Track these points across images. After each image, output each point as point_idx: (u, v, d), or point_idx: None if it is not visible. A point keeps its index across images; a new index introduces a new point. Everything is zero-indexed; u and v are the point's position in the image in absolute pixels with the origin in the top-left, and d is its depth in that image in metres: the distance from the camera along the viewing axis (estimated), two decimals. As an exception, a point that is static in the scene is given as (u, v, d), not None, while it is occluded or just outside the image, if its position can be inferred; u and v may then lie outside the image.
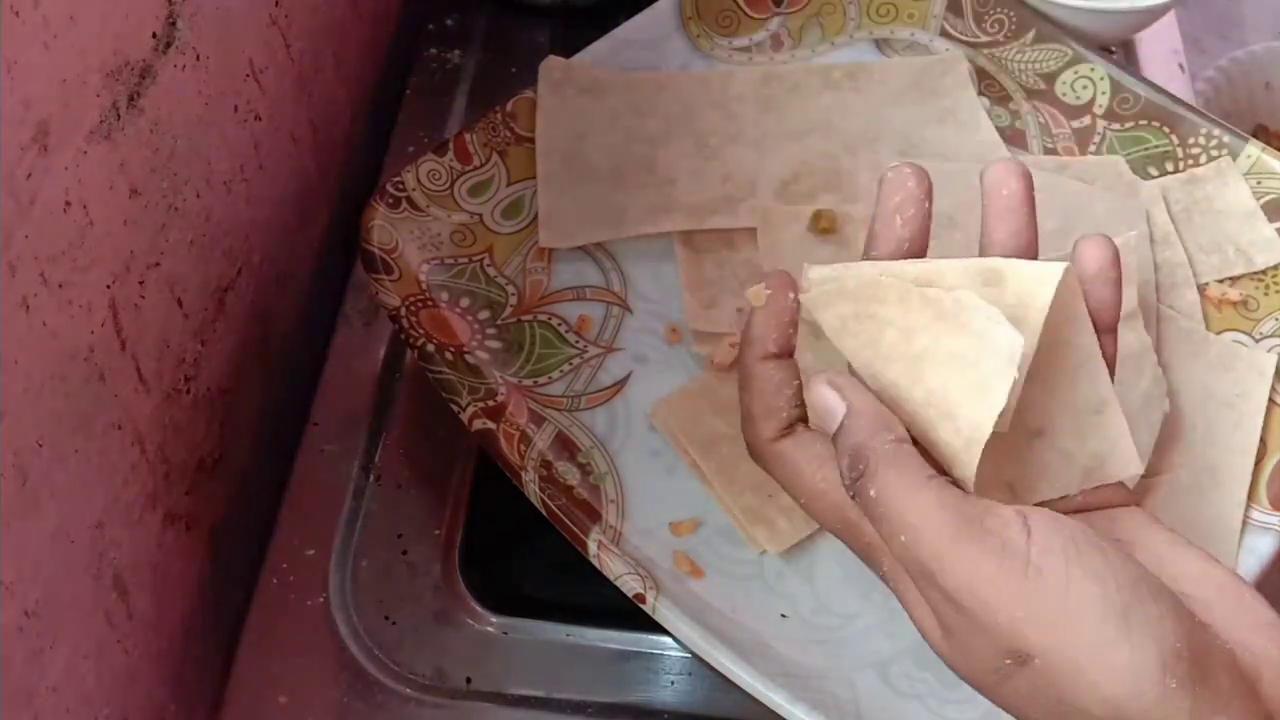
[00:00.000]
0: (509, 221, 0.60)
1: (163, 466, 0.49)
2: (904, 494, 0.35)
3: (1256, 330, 0.58)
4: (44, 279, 0.39)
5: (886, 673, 0.49)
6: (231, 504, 0.57)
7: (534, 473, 0.51)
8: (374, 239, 0.56)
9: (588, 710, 0.52)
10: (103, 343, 0.43)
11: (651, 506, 0.53)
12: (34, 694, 0.41)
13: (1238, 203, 0.61)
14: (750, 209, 0.60)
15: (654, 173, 0.61)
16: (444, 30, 0.72)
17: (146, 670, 0.50)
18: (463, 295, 0.57)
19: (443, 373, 0.53)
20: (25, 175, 0.37)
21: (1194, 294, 0.59)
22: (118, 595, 0.47)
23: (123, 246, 0.44)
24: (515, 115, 0.61)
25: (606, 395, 0.56)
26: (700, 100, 0.64)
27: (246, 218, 0.55)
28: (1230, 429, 0.55)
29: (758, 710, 0.46)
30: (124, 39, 0.42)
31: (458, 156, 0.60)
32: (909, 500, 0.35)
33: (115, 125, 0.42)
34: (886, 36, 0.67)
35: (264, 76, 0.55)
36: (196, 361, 0.52)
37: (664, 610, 0.48)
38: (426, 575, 0.55)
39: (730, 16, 0.67)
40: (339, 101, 0.66)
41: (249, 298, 0.56)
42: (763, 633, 0.50)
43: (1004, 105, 0.65)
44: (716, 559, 0.52)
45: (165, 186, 0.47)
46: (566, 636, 0.53)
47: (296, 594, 0.54)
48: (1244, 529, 0.53)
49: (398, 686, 0.52)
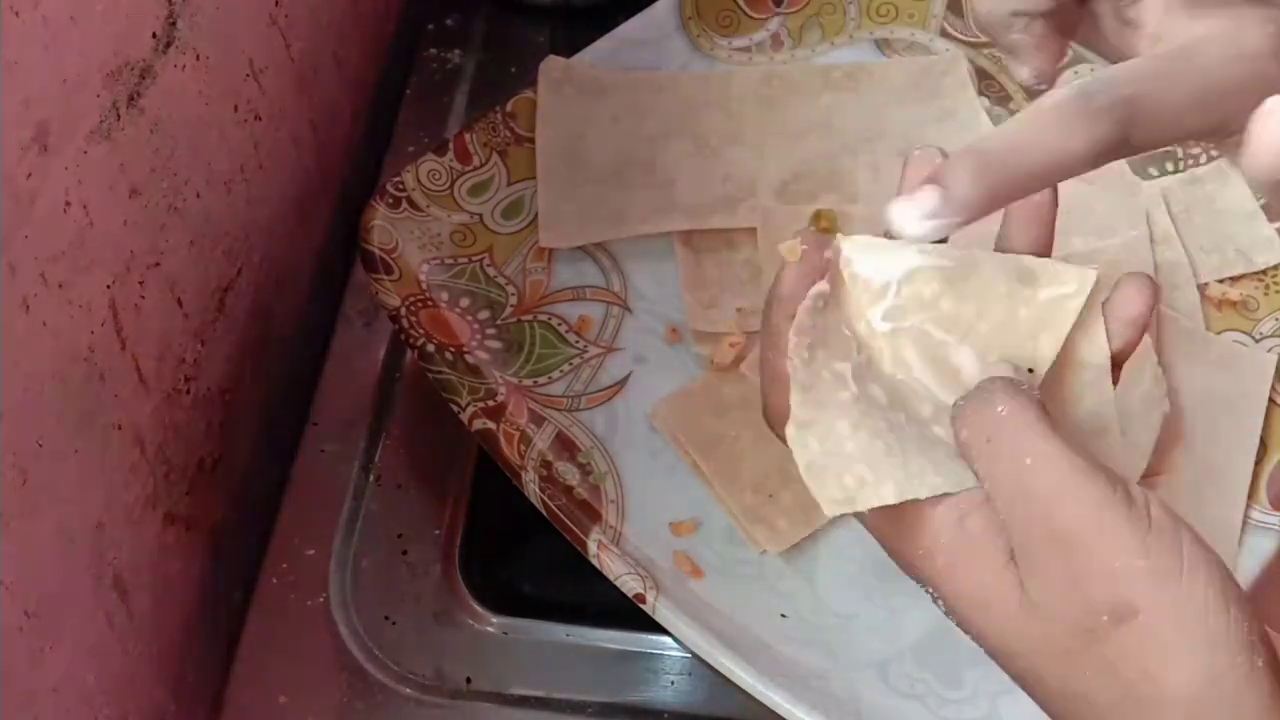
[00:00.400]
0: (509, 221, 0.60)
1: (163, 466, 0.49)
2: (1030, 422, 0.34)
3: (1256, 330, 0.58)
4: (44, 279, 0.39)
5: (886, 673, 0.49)
6: (232, 504, 0.57)
7: (534, 473, 0.51)
8: (374, 239, 0.56)
9: (588, 710, 0.52)
10: (103, 343, 0.43)
11: (651, 506, 0.53)
12: (34, 694, 0.42)
13: (1238, 203, 0.61)
14: (750, 209, 0.60)
15: (654, 173, 0.61)
16: (444, 30, 0.72)
17: (146, 670, 0.50)
18: (463, 295, 0.57)
19: (443, 373, 0.53)
20: (25, 175, 0.37)
21: (1194, 294, 0.59)
22: (118, 595, 0.47)
23: (123, 246, 0.44)
24: (515, 115, 0.61)
25: (606, 395, 0.56)
26: (700, 100, 0.64)
27: (246, 218, 0.55)
28: (1230, 429, 0.55)
29: (758, 710, 0.46)
30: (124, 39, 0.42)
31: (458, 156, 0.60)
32: (1035, 428, 0.34)
33: (115, 125, 0.42)
34: (886, 36, 0.67)
35: (264, 76, 0.55)
36: (197, 362, 0.52)
37: (664, 610, 0.48)
38: (426, 575, 0.55)
39: (730, 16, 0.67)
40: (339, 101, 0.66)
41: (249, 298, 0.56)
42: (763, 633, 0.50)
43: (1004, 105, 0.65)
44: (716, 559, 0.52)
45: (165, 187, 0.47)
46: (566, 636, 0.53)
47: (296, 594, 0.54)
48: (1244, 529, 0.53)
49: (398, 686, 0.52)
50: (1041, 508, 0.33)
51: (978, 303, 0.37)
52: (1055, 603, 0.33)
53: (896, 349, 0.37)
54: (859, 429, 0.36)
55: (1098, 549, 0.32)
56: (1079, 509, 0.32)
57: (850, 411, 0.36)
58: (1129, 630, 0.32)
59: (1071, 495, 0.33)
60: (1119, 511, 0.32)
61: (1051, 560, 0.33)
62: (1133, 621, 0.32)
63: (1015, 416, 0.34)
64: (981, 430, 0.34)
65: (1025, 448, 0.33)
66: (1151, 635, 0.32)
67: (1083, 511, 0.32)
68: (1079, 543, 0.32)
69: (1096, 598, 0.32)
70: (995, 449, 0.34)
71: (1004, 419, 0.34)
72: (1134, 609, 0.32)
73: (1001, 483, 0.34)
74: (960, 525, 0.35)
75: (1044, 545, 0.33)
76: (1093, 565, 0.32)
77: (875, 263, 0.37)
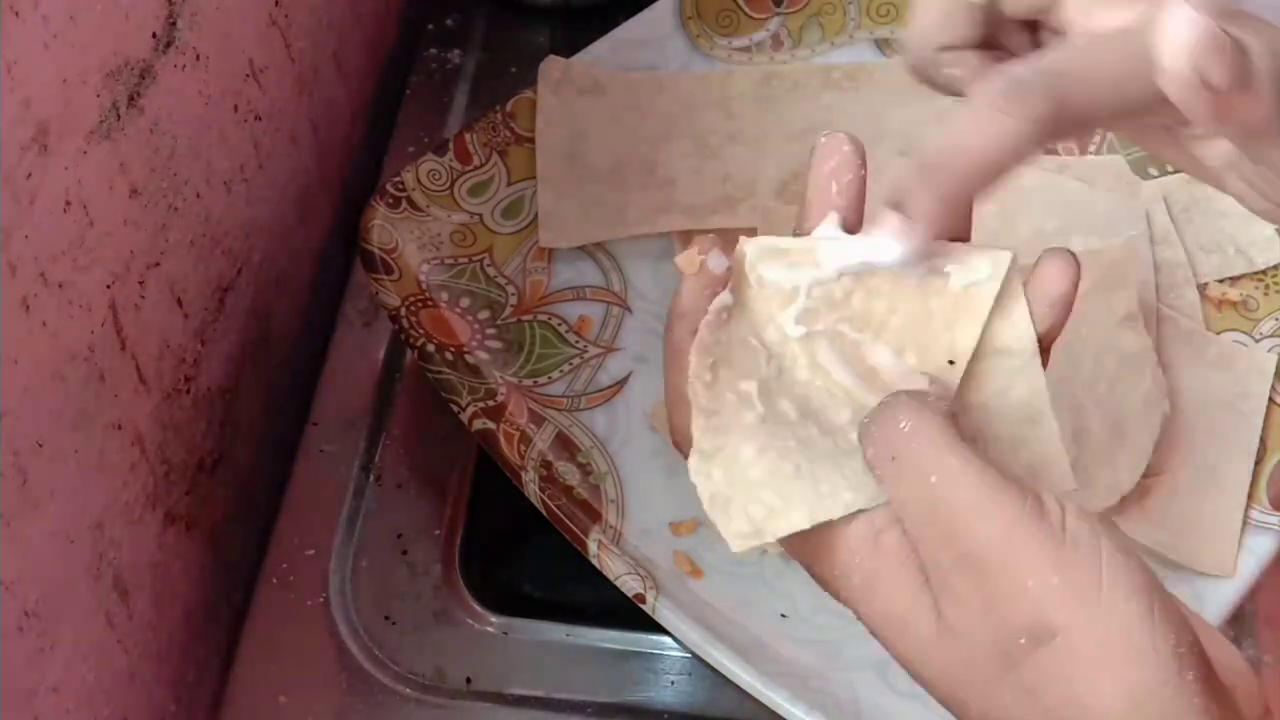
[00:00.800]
0: (509, 221, 0.60)
1: (163, 466, 0.49)
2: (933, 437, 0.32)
3: (1256, 330, 0.58)
4: (44, 279, 0.39)
5: (886, 672, 0.49)
6: (231, 504, 0.57)
7: (534, 473, 0.51)
8: (374, 239, 0.56)
9: (588, 710, 0.52)
10: (103, 342, 0.43)
11: (651, 506, 0.53)
12: (34, 694, 0.42)
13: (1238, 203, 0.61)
14: (750, 209, 0.60)
15: (654, 173, 0.61)
16: (444, 30, 0.72)
17: (146, 670, 0.50)
18: (463, 295, 0.57)
19: (443, 373, 0.53)
20: (25, 175, 0.37)
21: (1194, 294, 0.59)
22: (118, 595, 0.47)
23: (123, 246, 0.44)
24: (515, 115, 0.61)
25: (606, 395, 0.56)
26: (700, 100, 0.64)
27: (246, 218, 0.55)
28: (1230, 429, 0.55)
29: (757, 710, 0.47)
30: (124, 39, 0.42)
31: (458, 156, 0.60)
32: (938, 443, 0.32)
33: (115, 125, 0.42)
34: (886, 36, 0.67)
35: (264, 76, 0.55)
36: (196, 361, 0.52)
37: (664, 610, 0.48)
38: (426, 575, 0.55)
39: (730, 16, 0.67)
40: (339, 101, 0.66)
41: (249, 297, 0.56)
42: (762, 632, 0.50)
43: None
44: (716, 559, 0.52)
45: (165, 186, 0.47)
46: (566, 636, 0.53)
47: (296, 594, 0.54)
48: (1244, 529, 0.53)
49: (398, 686, 0.52)
50: (949, 527, 0.31)
51: (889, 298, 0.36)
52: (970, 627, 0.32)
53: (811, 353, 0.36)
54: (765, 451, 0.34)
55: (1010, 568, 0.31)
56: (988, 527, 0.31)
57: (757, 434, 0.34)
58: (1048, 652, 0.31)
59: (979, 513, 0.31)
60: (1030, 527, 0.31)
61: (964, 582, 0.31)
62: (1051, 643, 0.31)
63: (919, 432, 0.32)
64: (886, 448, 0.33)
65: (930, 465, 0.32)
66: (1071, 656, 0.30)
67: (992, 530, 0.31)
68: (990, 563, 0.31)
69: (1012, 620, 0.31)
70: (900, 467, 0.32)
71: (907, 435, 0.32)
72: (1051, 630, 0.31)
73: (908, 503, 0.32)
74: (875, 543, 0.33)
75: (955, 567, 0.32)
76: (1005, 586, 0.31)
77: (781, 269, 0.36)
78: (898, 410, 0.33)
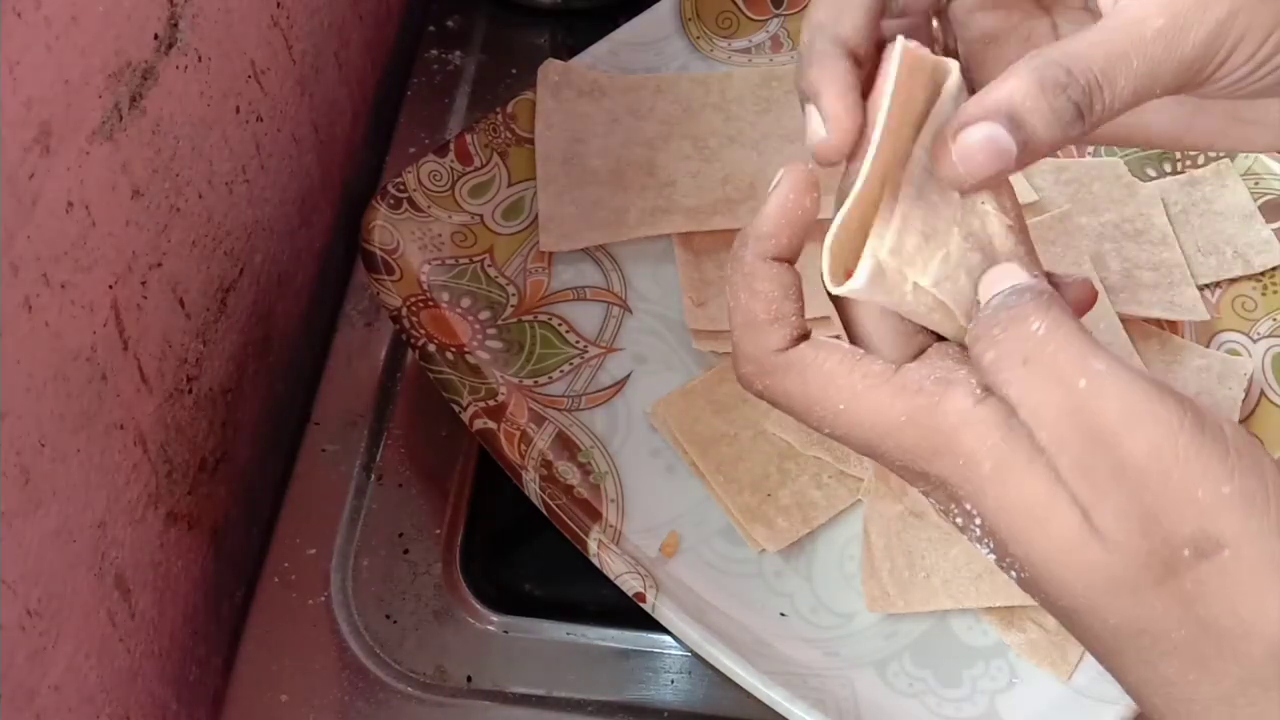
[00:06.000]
0: (509, 222, 0.60)
1: (164, 466, 0.50)
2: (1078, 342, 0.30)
3: (1254, 331, 0.58)
4: (46, 279, 0.39)
5: (885, 671, 0.50)
6: (233, 503, 0.57)
7: (534, 472, 0.51)
8: (375, 239, 0.56)
9: (588, 709, 0.52)
10: (105, 342, 0.43)
11: (651, 506, 0.53)
12: (36, 692, 0.42)
13: (1236, 204, 0.61)
14: (750, 210, 0.60)
15: (653, 175, 0.61)
16: (444, 32, 0.72)
17: (148, 669, 0.50)
18: (463, 295, 0.57)
19: (444, 372, 0.53)
20: (28, 176, 0.37)
21: (1193, 290, 0.58)
22: (120, 594, 0.47)
23: (125, 247, 0.44)
24: (516, 116, 0.61)
25: (606, 395, 0.56)
26: (699, 102, 0.64)
27: (248, 218, 0.55)
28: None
29: (757, 709, 0.47)
30: (126, 40, 0.42)
31: (459, 157, 0.60)
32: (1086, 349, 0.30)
33: (117, 126, 0.42)
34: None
35: (266, 77, 0.55)
36: (198, 361, 0.52)
37: (664, 609, 0.48)
38: (427, 574, 0.55)
39: (730, 18, 0.67)
40: (340, 102, 0.66)
41: (251, 298, 0.57)
42: (762, 631, 0.50)
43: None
44: (716, 558, 0.52)
45: (167, 187, 0.47)
46: (567, 635, 0.54)
47: (298, 593, 0.55)
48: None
49: (399, 685, 0.52)
50: (1106, 436, 0.30)
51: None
52: (1126, 535, 0.30)
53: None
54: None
55: (1175, 479, 0.29)
56: (1148, 436, 0.29)
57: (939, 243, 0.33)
58: (1215, 566, 0.29)
59: (1139, 421, 0.30)
60: (1195, 436, 0.30)
61: (1120, 491, 0.30)
62: (1218, 556, 0.29)
63: (1055, 334, 0.31)
64: (1015, 351, 0.31)
65: (1073, 370, 0.30)
66: (1238, 569, 0.29)
67: (1156, 439, 0.29)
68: (1154, 473, 0.30)
69: (1177, 531, 0.29)
70: (1034, 372, 0.31)
71: (1042, 338, 0.31)
72: (1219, 543, 0.29)
73: (1046, 408, 0.30)
74: (1009, 428, 0.31)
75: (1110, 475, 0.30)
76: (1170, 497, 0.29)
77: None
78: (1027, 311, 0.31)
